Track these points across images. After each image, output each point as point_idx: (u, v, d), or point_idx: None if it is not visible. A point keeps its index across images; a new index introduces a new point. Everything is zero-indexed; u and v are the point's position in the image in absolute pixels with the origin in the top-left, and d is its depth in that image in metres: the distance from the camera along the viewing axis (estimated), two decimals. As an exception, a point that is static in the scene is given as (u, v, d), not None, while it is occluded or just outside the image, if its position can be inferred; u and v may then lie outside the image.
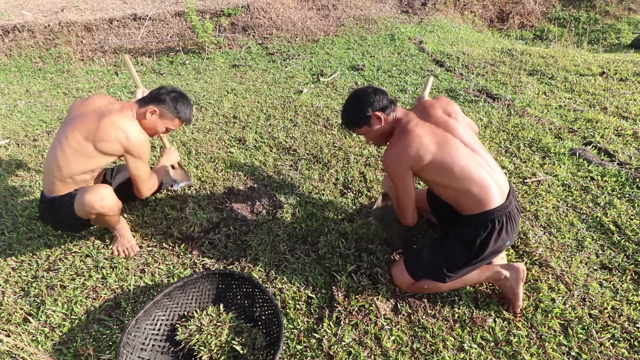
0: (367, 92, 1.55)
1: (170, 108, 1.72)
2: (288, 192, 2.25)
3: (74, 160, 1.61)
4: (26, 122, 3.31)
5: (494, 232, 1.39)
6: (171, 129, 1.80)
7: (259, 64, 4.52)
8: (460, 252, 1.45)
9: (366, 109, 1.53)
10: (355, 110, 1.56)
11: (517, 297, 1.51)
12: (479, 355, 1.39)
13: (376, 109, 1.53)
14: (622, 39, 5.94)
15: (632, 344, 1.40)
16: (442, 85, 3.62)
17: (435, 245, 1.54)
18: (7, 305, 1.64)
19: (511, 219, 1.41)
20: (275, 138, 2.82)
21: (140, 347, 1.40)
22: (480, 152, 1.47)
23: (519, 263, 1.54)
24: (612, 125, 2.76)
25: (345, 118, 1.63)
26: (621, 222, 1.92)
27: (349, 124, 1.62)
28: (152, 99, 1.72)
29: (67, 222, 1.72)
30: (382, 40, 5.01)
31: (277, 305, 1.44)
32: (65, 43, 5.06)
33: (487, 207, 1.38)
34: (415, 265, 1.53)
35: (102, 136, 1.59)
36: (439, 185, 1.46)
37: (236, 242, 1.93)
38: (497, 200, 1.39)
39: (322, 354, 1.41)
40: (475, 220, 1.41)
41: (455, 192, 1.42)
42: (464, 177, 1.38)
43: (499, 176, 1.44)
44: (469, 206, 1.42)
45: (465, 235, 1.44)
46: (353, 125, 1.61)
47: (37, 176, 2.51)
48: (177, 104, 1.74)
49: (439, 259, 1.47)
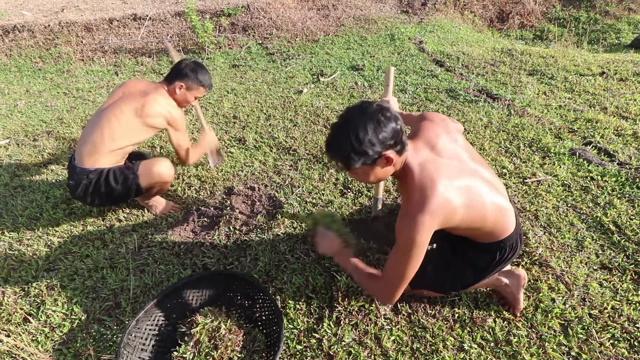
0: (380, 120, 1.07)
1: (194, 79, 1.95)
2: (288, 192, 2.25)
3: (126, 134, 1.84)
4: (26, 122, 3.31)
5: (506, 253, 1.33)
6: (198, 97, 2.03)
7: (259, 64, 4.52)
8: (469, 275, 1.39)
9: (376, 145, 1.07)
10: (358, 142, 1.06)
11: (518, 302, 1.51)
12: (479, 355, 1.39)
13: (389, 147, 1.09)
14: (622, 39, 5.94)
15: (632, 344, 1.40)
16: (442, 86, 3.62)
17: (441, 264, 1.42)
18: (7, 305, 1.64)
19: (520, 237, 1.36)
20: (275, 138, 2.82)
21: (140, 348, 1.40)
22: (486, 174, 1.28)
23: (520, 270, 1.52)
24: (612, 125, 2.76)
25: (336, 149, 1.11)
26: (621, 222, 1.92)
27: (342, 158, 1.10)
28: (176, 76, 1.94)
29: (122, 193, 1.87)
30: (382, 40, 5.01)
31: (277, 305, 1.44)
32: (65, 43, 5.06)
33: (507, 234, 1.29)
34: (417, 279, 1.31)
35: (148, 112, 1.83)
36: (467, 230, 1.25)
37: (236, 242, 1.93)
38: (512, 226, 1.29)
39: (322, 354, 1.41)
40: (490, 247, 1.32)
41: (477, 231, 1.27)
42: (489, 214, 1.21)
43: (502, 190, 1.31)
44: (489, 237, 1.30)
45: (479, 262, 1.36)
46: (347, 162, 1.10)
47: (37, 176, 2.51)
48: (197, 74, 1.95)
49: (443, 278, 1.42)
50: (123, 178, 1.84)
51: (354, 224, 2.00)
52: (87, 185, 1.82)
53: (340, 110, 3.18)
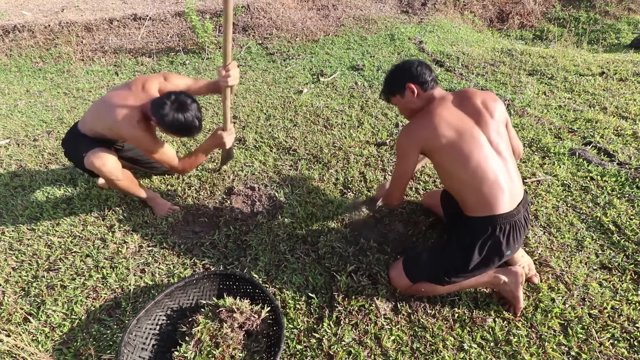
0: (411, 63, 1.52)
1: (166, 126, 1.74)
2: (288, 192, 2.25)
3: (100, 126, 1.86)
4: (26, 122, 3.31)
5: (491, 238, 1.36)
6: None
7: (259, 64, 4.52)
8: (459, 257, 1.43)
9: (404, 78, 1.50)
10: (393, 77, 1.55)
11: (518, 300, 1.50)
12: (479, 355, 1.39)
13: (413, 81, 1.49)
14: (621, 39, 5.94)
15: (632, 344, 1.41)
16: (442, 86, 3.62)
17: (436, 250, 1.53)
18: (7, 305, 1.64)
19: (516, 228, 1.37)
20: (275, 138, 2.82)
21: (141, 347, 1.40)
22: (506, 157, 1.40)
23: (517, 267, 1.53)
24: (611, 125, 2.76)
25: (384, 84, 1.62)
26: (621, 222, 1.92)
27: (385, 90, 1.61)
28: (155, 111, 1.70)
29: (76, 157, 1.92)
30: (382, 40, 5.01)
31: (277, 305, 1.44)
32: (65, 43, 5.06)
33: (492, 211, 1.34)
34: (414, 268, 1.54)
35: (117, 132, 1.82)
36: (450, 174, 1.41)
37: (236, 242, 1.93)
38: (505, 207, 1.34)
39: (322, 354, 1.42)
40: (476, 222, 1.38)
41: (463, 187, 1.39)
42: (477, 173, 1.33)
43: (516, 186, 1.38)
44: (474, 206, 1.38)
45: (464, 238, 1.41)
46: (388, 93, 1.59)
47: (37, 176, 2.51)
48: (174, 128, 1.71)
49: (439, 264, 1.46)
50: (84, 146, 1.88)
51: (354, 224, 2.00)
52: (69, 137, 1.98)
53: (340, 110, 3.18)
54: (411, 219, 2.02)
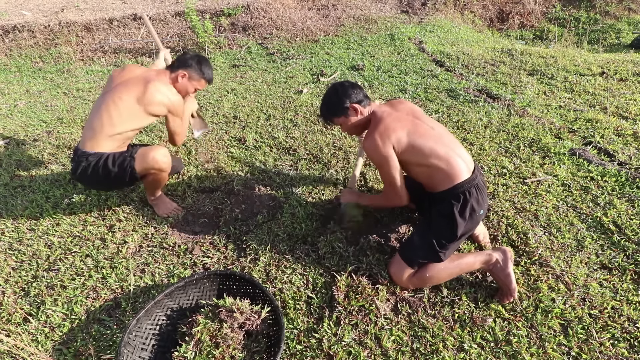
0: (344, 85, 1.72)
1: (197, 70, 2.01)
2: (288, 192, 2.25)
3: (125, 120, 1.85)
4: (26, 122, 3.31)
5: (467, 202, 1.52)
6: (199, 89, 2.08)
7: (259, 64, 4.52)
8: (445, 227, 1.55)
9: (344, 100, 1.69)
10: (334, 101, 1.72)
11: (509, 278, 1.54)
12: (479, 355, 1.39)
13: (354, 101, 1.69)
14: (622, 39, 5.94)
15: (632, 344, 1.40)
16: (442, 86, 3.62)
17: (423, 228, 1.66)
18: (7, 305, 1.64)
19: (479, 190, 1.57)
20: (275, 138, 2.82)
21: (140, 347, 1.40)
22: (445, 134, 1.64)
23: (504, 246, 1.69)
24: (612, 125, 2.76)
25: (324, 109, 1.77)
26: (621, 222, 1.92)
27: (327, 114, 1.77)
28: (180, 65, 1.99)
29: (118, 174, 1.85)
30: (382, 40, 5.01)
31: (277, 305, 1.44)
32: (65, 43, 5.06)
33: (455, 181, 1.54)
34: (410, 252, 1.61)
35: (150, 100, 1.86)
36: (414, 165, 1.61)
37: (236, 242, 1.93)
38: (464, 175, 1.55)
39: (322, 354, 1.41)
40: (447, 194, 1.56)
41: (427, 169, 1.58)
42: (433, 155, 1.55)
43: (463, 154, 1.61)
44: (439, 182, 1.57)
45: (444, 209, 1.56)
46: (331, 116, 1.76)
47: (37, 176, 2.51)
48: (201, 66, 2.02)
49: (429, 239, 1.56)
50: (121, 160, 1.85)
51: (352, 229, 2.00)
52: (85, 167, 1.84)
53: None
54: (411, 219, 2.02)
